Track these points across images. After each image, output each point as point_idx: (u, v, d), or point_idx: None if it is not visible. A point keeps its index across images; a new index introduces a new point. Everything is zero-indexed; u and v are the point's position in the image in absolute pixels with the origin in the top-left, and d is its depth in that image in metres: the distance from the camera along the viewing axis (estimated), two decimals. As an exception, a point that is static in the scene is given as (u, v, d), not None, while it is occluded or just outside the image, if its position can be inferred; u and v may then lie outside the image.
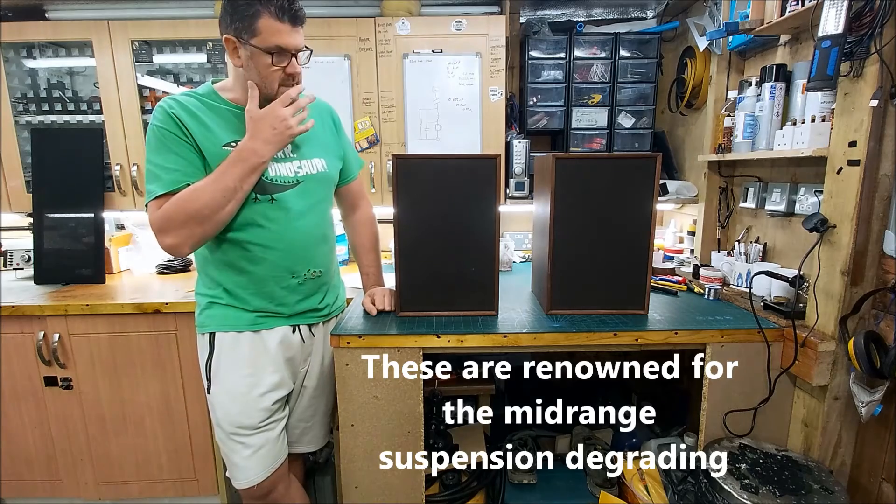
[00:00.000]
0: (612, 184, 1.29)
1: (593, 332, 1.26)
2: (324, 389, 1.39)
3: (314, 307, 1.31)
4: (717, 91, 1.74)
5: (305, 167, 1.22)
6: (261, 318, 1.22)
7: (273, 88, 1.12)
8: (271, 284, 1.21)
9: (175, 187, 1.08)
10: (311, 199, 1.23)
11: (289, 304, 1.24)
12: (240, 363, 1.21)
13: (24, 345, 1.66)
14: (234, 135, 1.14)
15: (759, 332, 1.27)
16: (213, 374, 1.22)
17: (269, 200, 1.16)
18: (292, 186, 1.19)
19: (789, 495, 1.09)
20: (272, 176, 1.16)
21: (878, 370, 1.09)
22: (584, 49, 1.98)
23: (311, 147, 1.25)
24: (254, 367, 1.22)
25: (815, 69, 1.12)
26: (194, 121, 1.11)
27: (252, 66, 1.08)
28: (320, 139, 1.29)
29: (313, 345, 1.34)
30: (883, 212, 1.14)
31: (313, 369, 1.35)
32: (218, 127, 1.13)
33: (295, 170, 1.20)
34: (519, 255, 2.19)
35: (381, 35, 1.85)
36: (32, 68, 2.00)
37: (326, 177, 1.27)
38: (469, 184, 1.28)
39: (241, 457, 1.22)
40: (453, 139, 1.94)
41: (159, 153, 1.09)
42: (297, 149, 1.22)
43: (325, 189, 1.29)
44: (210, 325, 1.22)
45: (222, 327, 1.22)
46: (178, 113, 1.10)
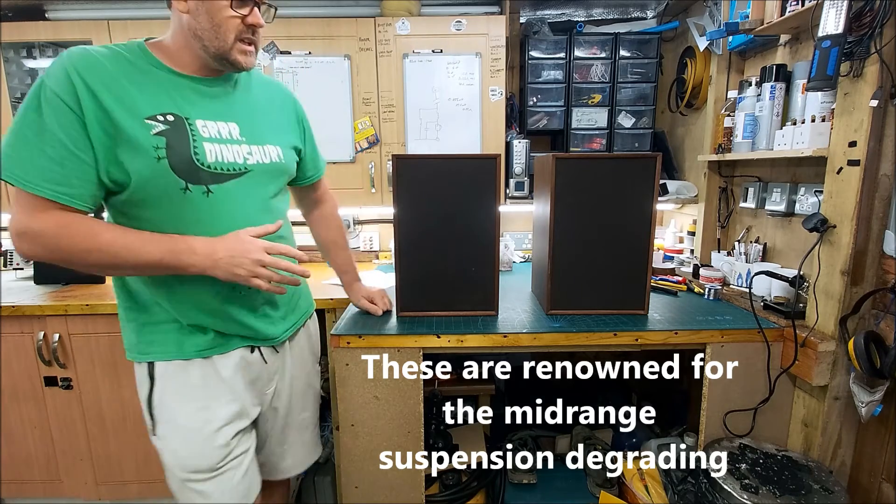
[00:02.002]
0: (612, 184, 1.29)
1: (593, 332, 1.26)
2: (303, 409, 1.23)
3: (272, 322, 1.09)
4: (717, 91, 1.74)
5: (256, 154, 1.01)
6: (210, 339, 1.01)
7: (228, 41, 0.91)
8: (210, 297, 0.98)
9: (55, 199, 0.83)
10: (259, 194, 1.02)
11: (238, 319, 1.02)
12: (189, 395, 1.00)
13: (24, 345, 1.66)
14: (166, 105, 0.90)
15: (759, 332, 1.27)
16: (157, 411, 1.00)
17: (203, 193, 0.93)
18: (236, 176, 0.97)
19: (789, 495, 1.09)
20: (210, 162, 0.93)
21: (878, 370, 1.09)
22: (584, 49, 1.98)
23: (266, 132, 1.05)
24: (206, 399, 1.01)
25: (815, 69, 1.12)
26: (107, 85, 0.85)
27: (202, 12, 0.89)
28: (278, 124, 1.10)
29: (280, 361, 1.14)
30: (883, 212, 1.14)
31: (282, 389, 1.16)
32: (142, 94, 0.88)
33: (244, 156, 0.98)
34: (519, 255, 2.19)
35: (381, 35, 1.85)
36: (32, 68, 2.00)
37: (281, 168, 1.07)
38: (469, 184, 1.28)
39: None
40: (453, 139, 1.94)
41: (39, 130, 0.82)
42: (247, 131, 1.00)
43: (277, 183, 1.08)
44: (148, 353, 0.99)
45: (164, 355, 0.99)
46: (83, 74, 0.84)
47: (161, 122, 0.88)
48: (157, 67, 0.92)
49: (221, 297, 0.99)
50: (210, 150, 0.93)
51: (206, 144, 0.93)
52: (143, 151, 0.86)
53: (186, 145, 0.90)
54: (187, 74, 0.94)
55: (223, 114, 0.98)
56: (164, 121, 0.89)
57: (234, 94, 1.02)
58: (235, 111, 1.00)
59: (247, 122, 1.01)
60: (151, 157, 0.87)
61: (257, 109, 1.05)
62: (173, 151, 0.88)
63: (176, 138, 0.89)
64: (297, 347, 1.20)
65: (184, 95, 0.93)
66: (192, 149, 0.91)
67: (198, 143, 0.92)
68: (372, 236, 2.28)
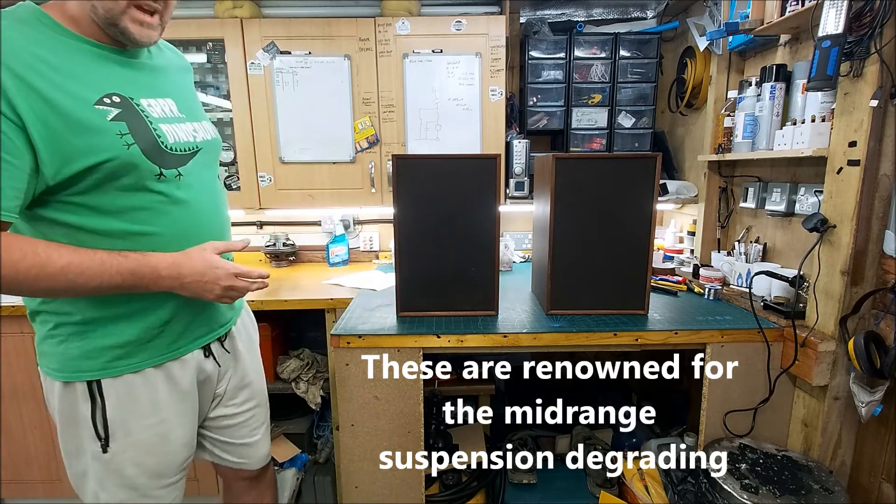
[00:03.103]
0: (612, 184, 1.29)
1: (593, 332, 1.26)
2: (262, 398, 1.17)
3: (227, 309, 1.04)
4: (717, 91, 1.74)
5: (200, 132, 0.95)
6: (165, 344, 0.92)
7: (116, 11, 0.77)
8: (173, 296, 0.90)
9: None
10: (211, 173, 0.99)
11: (202, 315, 0.96)
12: (145, 411, 0.92)
13: (24, 345, 1.66)
14: (106, 85, 0.79)
15: (759, 332, 1.27)
16: (110, 429, 0.89)
17: (176, 177, 0.86)
18: (192, 155, 0.90)
19: (789, 495, 1.09)
20: (171, 143, 0.86)
21: (878, 370, 1.09)
22: (584, 49, 1.98)
23: (196, 107, 0.99)
24: (162, 415, 0.93)
25: (815, 69, 1.12)
26: (35, 67, 0.71)
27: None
28: (196, 97, 1.03)
29: (228, 361, 1.07)
30: (883, 212, 1.14)
31: (240, 380, 1.10)
32: (75, 71, 0.76)
33: (192, 134, 0.92)
34: (519, 255, 2.19)
35: (381, 35, 1.85)
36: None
37: (218, 145, 1.03)
38: (469, 184, 1.28)
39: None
40: (453, 139, 1.94)
41: None
42: (183, 107, 0.92)
43: (217, 161, 1.03)
44: (88, 370, 0.86)
45: (111, 370, 0.87)
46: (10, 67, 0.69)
47: (110, 104, 0.78)
48: (69, 37, 0.77)
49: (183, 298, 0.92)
50: (168, 131, 0.86)
51: (162, 125, 0.85)
52: (107, 140, 0.77)
53: (147, 128, 0.82)
54: (105, 45, 0.81)
55: (156, 90, 0.88)
56: (112, 103, 0.78)
57: (155, 65, 0.91)
58: (165, 86, 0.91)
59: (179, 98, 0.92)
60: (119, 146, 0.77)
61: (179, 82, 0.97)
62: (138, 136, 0.80)
63: (134, 122, 0.80)
64: (244, 331, 1.13)
65: (114, 70, 0.81)
66: (154, 131, 0.83)
67: (155, 125, 0.84)
68: (372, 236, 2.28)
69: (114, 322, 0.87)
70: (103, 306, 0.86)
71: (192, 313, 0.95)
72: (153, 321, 0.89)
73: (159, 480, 0.96)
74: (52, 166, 0.74)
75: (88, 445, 0.90)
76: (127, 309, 0.87)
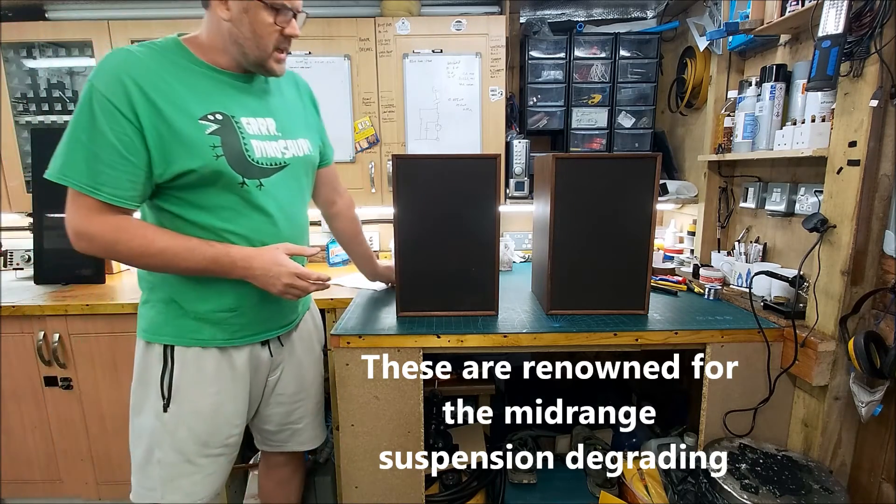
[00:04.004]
0: (612, 184, 1.29)
1: (593, 332, 1.26)
2: (308, 393, 1.30)
3: (290, 313, 1.19)
4: (717, 91, 1.74)
5: (292, 148, 1.09)
6: (230, 333, 1.08)
7: (267, 51, 0.97)
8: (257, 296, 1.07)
9: (113, 203, 0.91)
10: (296, 185, 1.11)
11: (263, 313, 1.11)
12: (204, 381, 1.07)
13: (24, 345, 1.66)
14: (214, 104, 0.96)
15: (759, 332, 1.27)
16: (175, 390, 1.05)
17: (257, 186, 1.01)
18: (279, 170, 1.05)
19: (789, 495, 1.09)
20: (258, 157, 1.01)
21: (878, 370, 1.09)
22: (584, 49, 1.98)
23: (296, 126, 1.13)
24: (218, 387, 1.08)
25: (815, 69, 1.12)
26: (158, 86, 0.90)
27: (245, 22, 0.93)
28: (302, 117, 1.18)
29: (282, 354, 1.22)
30: (883, 212, 1.14)
31: (287, 378, 1.24)
32: (190, 93, 0.94)
33: (282, 150, 1.06)
34: (519, 255, 2.19)
35: (381, 35, 1.85)
36: (32, 68, 2.00)
37: (310, 161, 1.16)
38: (469, 184, 1.28)
39: (191, 481, 1.10)
40: (453, 139, 1.94)
41: (92, 133, 0.87)
42: (282, 126, 1.08)
43: (308, 175, 1.17)
44: (167, 336, 1.05)
45: (184, 341, 1.05)
46: (135, 77, 0.88)
47: (212, 121, 0.95)
48: (196, 65, 0.96)
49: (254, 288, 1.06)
50: (257, 147, 1.00)
51: (253, 141, 1.00)
52: (201, 150, 0.93)
53: (238, 143, 0.97)
54: (226, 71, 1.00)
55: (260, 110, 1.04)
56: (214, 120, 0.95)
57: (268, 90, 1.08)
58: (270, 107, 1.07)
59: (280, 118, 1.08)
60: (210, 156, 0.94)
61: (287, 104, 1.13)
62: (228, 149, 0.96)
63: (228, 136, 0.96)
64: (306, 333, 1.28)
65: (226, 93, 0.99)
66: (243, 146, 0.98)
67: (246, 140, 0.99)
68: (372, 236, 2.28)
69: (191, 301, 1.04)
70: (185, 287, 1.03)
71: (255, 310, 1.09)
72: (220, 306, 1.05)
73: (204, 448, 1.09)
74: (160, 166, 0.92)
75: (153, 403, 1.06)
76: (201, 293, 1.03)
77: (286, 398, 1.25)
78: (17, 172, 1.93)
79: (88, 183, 0.88)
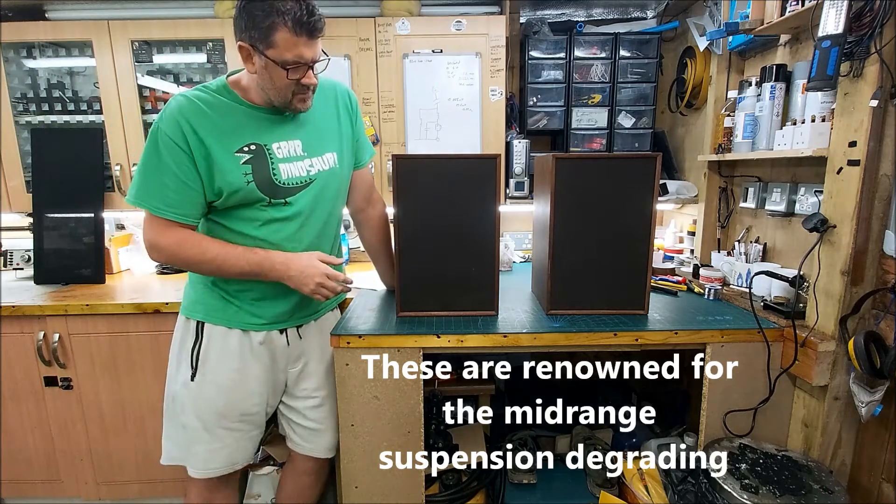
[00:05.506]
0: (612, 184, 1.29)
1: (593, 332, 1.26)
2: (329, 391, 1.36)
3: (306, 308, 1.30)
4: (717, 91, 1.74)
5: (317, 165, 1.22)
6: (253, 319, 1.23)
7: (287, 98, 1.11)
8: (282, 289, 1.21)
9: (177, 220, 1.11)
10: (324, 197, 1.24)
11: (284, 311, 1.25)
12: (227, 358, 1.22)
13: (24, 345, 1.66)
14: (248, 137, 1.13)
15: (759, 332, 1.27)
16: (202, 362, 1.21)
17: (282, 204, 1.17)
18: (305, 186, 1.19)
19: (789, 495, 1.09)
20: (284, 179, 1.16)
21: (878, 370, 1.09)
22: (584, 49, 1.98)
23: (323, 141, 1.24)
24: (238, 365, 1.23)
25: (815, 69, 1.12)
26: (205, 126, 1.09)
27: (266, 76, 1.08)
28: (334, 129, 1.28)
29: (301, 347, 1.32)
30: (883, 212, 1.14)
31: (313, 369, 1.34)
32: (231, 129, 1.11)
33: (306, 169, 1.20)
34: (519, 255, 2.19)
35: (381, 35, 1.85)
36: (32, 68, 2.00)
37: (337, 173, 1.27)
38: (469, 184, 1.28)
39: (207, 448, 1.24)
40: (453, 139, 1.94)
41: (158, 165, 1.08)
42: (308, 145, 1.21)
43: (336, 186, 1.28)
44: (200, 313, 1.22)
45: (213, 319, 1.21)
46: (189, 119, 1.07)
47: (246, 152, 1.12)
48: (238, 103, 1.14)
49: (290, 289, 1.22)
50: (284, 169, 1.16)
51: (280, 165, 1.16)
52: (236, 178, 1.11)
53: (267, 168, 1.14)
54: (262, 108, 1.15)
55: (290, 134, 1.19)
56: (248, 151, 1.12)
57: (298, 115, 1.20)
58: (299, 130, 1.20)
59: (308, 137, 1.21)
60: (242, 182, 1.11)
61: (317, 121, 1.24)
62: (258, 175, 1.13)
63: (259, 164, 1.13)
64: (328, 329, 1.32)
65: (261, 125, 1.15)
66: (272, 170, 1.15)
67: (275, 165, 1.15)
68: (372, 236, 2.27)
69: (221, 285, 1.21)
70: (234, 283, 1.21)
71: (276, 305, 1.24)
72: (248, 296, 1.22)
73: (221, 420, 1.23)
74: (209, 190, 1.12)
75: (183, 372, 1.23)
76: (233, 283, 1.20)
77: (309, 392, 1.34)
78: (17, 172, 1.93)
79: (157, 205, 1.09)
